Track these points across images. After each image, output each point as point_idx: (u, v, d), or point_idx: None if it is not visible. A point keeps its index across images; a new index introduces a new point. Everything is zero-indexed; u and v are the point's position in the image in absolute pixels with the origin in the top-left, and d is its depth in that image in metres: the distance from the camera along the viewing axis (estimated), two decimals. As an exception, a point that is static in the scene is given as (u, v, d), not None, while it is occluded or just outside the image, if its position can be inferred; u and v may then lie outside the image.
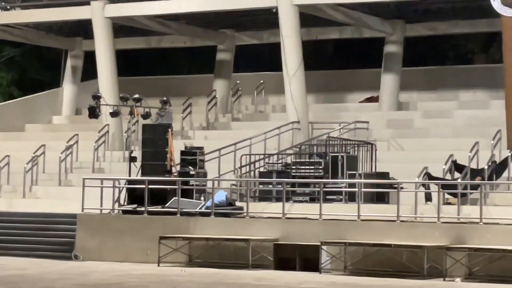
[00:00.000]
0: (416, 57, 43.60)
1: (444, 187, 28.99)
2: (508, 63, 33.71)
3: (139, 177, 32.57)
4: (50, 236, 31.76)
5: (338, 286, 23.64)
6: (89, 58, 45.32)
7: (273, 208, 29.83)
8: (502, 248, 25.02)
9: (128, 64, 48.81)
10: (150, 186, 30.49)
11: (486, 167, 29.75)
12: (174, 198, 30.60)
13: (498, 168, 30.37)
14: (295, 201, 30.55)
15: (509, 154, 30.95)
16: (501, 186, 29.90)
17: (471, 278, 25.12)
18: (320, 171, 31.94)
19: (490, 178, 29.63)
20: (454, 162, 30.12)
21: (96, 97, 35.70)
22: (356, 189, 29.40)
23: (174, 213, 30.15)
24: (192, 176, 32.47)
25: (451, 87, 41.59)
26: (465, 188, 28.98)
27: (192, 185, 32.12)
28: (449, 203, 28.75)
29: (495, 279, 24.33)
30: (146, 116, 35.92)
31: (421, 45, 45.36)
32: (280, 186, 30.83)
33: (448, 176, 29.88)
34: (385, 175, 31.22)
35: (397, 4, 39.16)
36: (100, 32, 40.42)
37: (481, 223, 26.45)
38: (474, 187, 28.99)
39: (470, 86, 41.21)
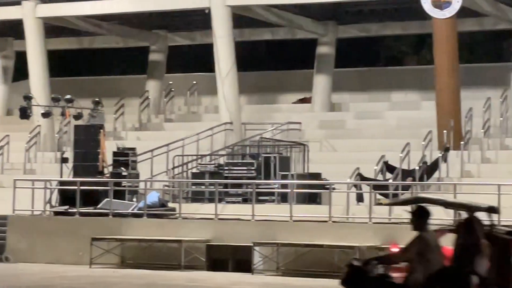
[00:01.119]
0: (348, 59, 43.83)
1: (376, 187, 29.14)
2: (439, 64, 34.02)
3: (70, 178, 32.28)
4: (-20, 238, 31.36)
5: (270, 286, 23.71)
6: (21, 58, 44.95)
7: (206, 209, 29.77)
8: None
9: (60, 64, 48.49)
10: (82, 187, 30.30)
11: (417, 167, 30.00)
12: (106, 199, 30.43)
13: (429, 169, 30.63)
14: (227, 202, 30.54)
15: (440, 155, 31.24)
16: (432, 187, 30.14)
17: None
18: (253, 172, 31.95)
19: (421, 179, 29.87)
20: (386, 163, 30.27)
21: (28, 98, 35.31)
22: (289, 190, 29.44)
23: (106, 214, 29.93)
24: (124, 177, 32.27)
25: (382, 88, 41.83)
26: (396, 188, 29.22)
27: (125, 186, 31.91)
28: (381, 204, 28.90)
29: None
30: (78, 116, 35.62)
31: (353, 46, 45.59)
32: (212, 187, 30.77)
33: (380, 177, 30.04)
34: (317, 175, 31.30)
35: (329, 5, 39.36)
36: (32, 32, 40.05)
37: (411, 224, 26.65)
38: (406, 188, 29.24)
39: (401, 87, 41.48)
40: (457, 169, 30.88)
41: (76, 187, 30.37)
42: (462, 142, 32.44)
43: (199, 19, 39.54)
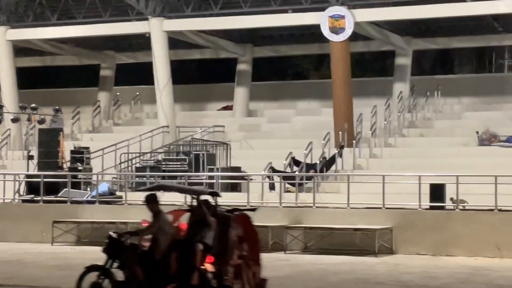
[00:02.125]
0: (263, 74, 44.00)
1: (285, 178, 29.37)
2: (335, 78, 34.45)
3: (35, 172, 32.09)
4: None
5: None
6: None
7: (147, 197, 29.84)
8: (330, 226, 25.53)
9: (27, 79, 47.93)
10: (45, 180, 30.18)
11: (318, 162, 30.27)
12: (65, 189, 30.29)
13: (327, 163, 30.92)
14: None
15: (336, 151, 31.59)
16: (330, 177, 30.47)
17: (307, 251, 25.46)
18: (185, 166, 32.11)
19: (321, 171, 30.18)
20: (293, 158, 30.51)
21: (0, 107, 35.56)
22: (214, 181, 29.70)
23: (65, 202, 29.74)
24: (80, 171, 32.18)
25: (290, 98, 42.05)
26: (301, 179, 29.47)
27: (80, 178, 31.80)
28: (289, 191, 29.12)
29: (325, 252, 24.74)
30: (41, 122, 35.80)
31: (266, 64, 45.77)
32: (152, 178, 30.90)
33: (288, 170, 30.26)
34: (237, 169, 31.46)
35: (247, 31, 39.53)
36: (3, 53, 39.70)
37: (314, 207, 26.91)
38: (309, 178, 29.51)
39: (305, 97, 41.73)
40: (350, 163, 31.21)
41: (40, 179, 30.17)
42: (354, 141, 32.81)
43: (142, 42, 39.38)
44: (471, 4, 32.86)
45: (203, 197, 13.35)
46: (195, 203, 13.14)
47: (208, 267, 11.99)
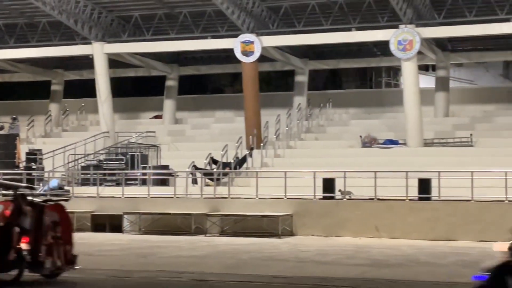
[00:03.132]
0: (187, 89, 43.82)
1: (205, 174, 29.37)
2: (246, 93, 34.63)
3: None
4: None
5: (134, 241, 23.57)
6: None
7: (91, 190, 29.48)
8: (242, 214, 25.65)
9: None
10: (3, 177, 29.60)
11: (232, 161, 30.35)
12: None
13: (240, 162, 31.01)
14: (105, 185, 30.30)
15: (247, 152, 31.70)
16: (242, 174, 30.55)
17: (223, 234, 25.51)
18: (123, 165, 31.93)
19: (235, 168, 30.27)
20: (212, 158, 30.48)
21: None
22: (147, 177, 29.51)
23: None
24: (34, 169, 31.74)
25: (209, 109, 42.03)
26: (218, 175, 29.54)
27: (34, 176, 31.31)
28: (208, 185, 29.13)
29: (238, 235, 24.81)
30: (1, 128, 35.30)
31: (190, 80, 45.63)
32: (95, 175, 30.57)
33: (208, 167, 30.25)
34: (166, 167, 31.32)
35: (174, 53, 39.53)
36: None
37: (229, 198, 26.97)
38: (225, 174, 29.56)
39: (222, 108, 41.75)
40: (258, 162, 31.27)
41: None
42: (261, 144, 32.93)
43: (86, 62, 38.94)
44: (355, 33, 33.36)
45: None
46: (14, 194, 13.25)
47: (24, 246, 12.19)
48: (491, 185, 24.47)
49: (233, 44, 34.23)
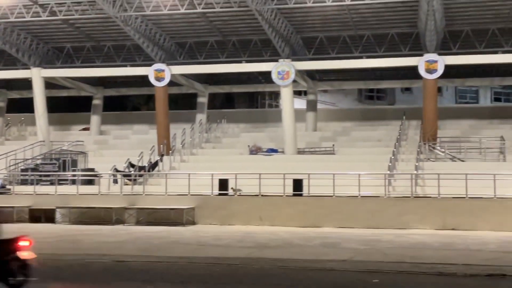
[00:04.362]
0: (110, 106, 43.09)
1: (124, 175, 28.98)
2: (158, 110, 34.51)
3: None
4: None
5: (65, 230, 23.04)
6: None
7: (29, 188, 28.64)
8: (154, 207, 25.54)
9: None
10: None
11: (146, 165, 30.10)
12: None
13: (153, 166, 30.76)
14: (41, 184, 29.48)
15: (158, 158, 31.47)
16: (154, 175, 30.23)
17: (138, 224, 25.26)
18: (56, 168, 31.19)
19: (149, 171, 30.00)
20: (130, 162, 30.09)
21: None
22: (76, 177, 28.97)
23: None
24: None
25: (128, 123, 41.51)
26: (135, 176, 29.20)
27: (-19, 176, 30.34)
28: (127, 184, 28.73)
29: (151, 224, 24.66)
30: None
31: (113, 99, 44.85)
32: (33, 176, 29.78)
33: (127, 170, 29.83)
34: (92, 169, 30.76)
35: (99, 78, 39.02)
36: None
37: (144, 194, 26.80)
38: (140, 176, 29.30)
39: (139, 122, 41.30)
40: (168, 166, 31.11)
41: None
42: (170, 151, 32.85)
43: (26, 83, 37.79)
44: (245, 65, 33.73)
45: None
46: None
47: None
48: (348, 184, 25.16)
49: (147, 71, 34.08)
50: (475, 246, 17.79)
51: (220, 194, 26.20)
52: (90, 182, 29.75)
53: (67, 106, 46.10)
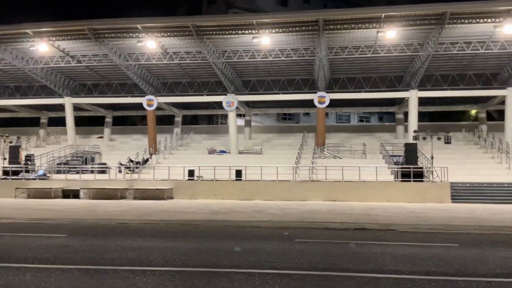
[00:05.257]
0: (117, 122, 41.85)
1: (126, 167, 28.27)
2: (149, 125, 33.65)
3: (8, 165, 28.85)
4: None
5: (86, 203, 22.22)
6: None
7: (62, 176, 27.59)
8: (146, 188, 24.90)
9: None
10: (13, 169, 27.25)
11: (141, 160, 29.46)
12: (22, 173, 27.42)
13: (146, 161, 30.11)
14: (70, 173, 28.40)
15: (149, 156, 30.81)
16: (146, 167, 29.52)
17: (135, 199, 24.51)
18: (80, 162, 30.11)
19: (143, 164, 29.31)
20: (130, 159, 29.48)
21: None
22: (94, 169, 28.06)
23: (21, 179, 26.89)
24: (29, 165, 29.27)
25: (129, 133, 40.53)
26: (133, 168, 28.46)
27: (29, 168, 28.86)
28: (128, 173, 28.01)
29: (144, 199, 24.05)
30: (10, 142, 32.13)
31: (118, 118, 43.46)
32: (64, 168, 28.67)
33: (128, 164, 29.05)
34: (105, 164, 29.84)
35: (110, 104, 37.97)
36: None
37: (139, 180, 26.12)
38: (137, 167, 28.56)
39: (136, 133, 40.26)
40: (155, 161, 30.49)
41: (10, 168, 27.22)
42: (157, 152, 32.26)
43: (60, 107, 36.20)
44: (206, 97, 33.48)
45: None
46: None
47: None
48: (270, 173, 25.34)
49: (142, 100, 33.40)
50: (347, 210, 18.00)
51: (189, 179, 25.92)
52: (103, 172, 28.94)
53: (88, 122, 44.69)
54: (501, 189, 23.17)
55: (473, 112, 42.71)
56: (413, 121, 29.39)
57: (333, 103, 33.78)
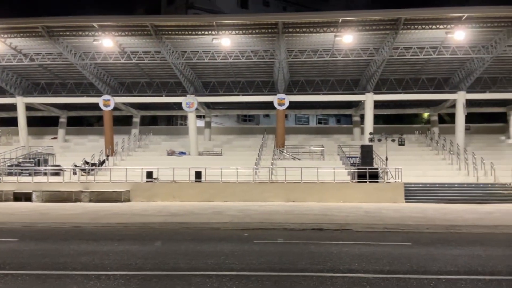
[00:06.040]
0: (71, 123, 40.61)
1: (81, 169, 27.40)
2: (105, 126, 32.87)
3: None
4: None
5: (39, 206, 21.40)
6: None
7: (14, 178, 26.38)
8: (102, 190, 24.23)
9: None
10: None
11: (97, 162, 28.64)
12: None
13: (102, 163, 29.28)
14: (22, 175, 27.14)
15: (106, 157, 30.04)
16: (102, 169, 28.75)
17: (91, 202, 23.85)
18: (33, 164, 28.84)
19: (99, 166, 28.49)
20: (85, 160, 28.60)
21: None
22: (47, 170, 26.92)
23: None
24: (-23, 167, 27.89)
25: (85, 134, 39.48)
26: (89, 170, 27.66)
27: (-23, 170, 27.52)
28: (83, 175, 27.11)
29: (100, 201, 23.42)
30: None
31: (73, 119, 42.29)
32: (16, 170, 27.43)
33: (83, 166, 28.25)
34: (58, 165, 28.72)
35: (64, 103, 36.68)
36: None
37: (94, 182, 25.39)
38: (93, 169, 27.77)
39: (92, 134, 39.35)
40: (112, 163, 29.72)
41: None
42: (114, 153, 31.48)
43: (12, 106, 34.78)
44: (165, 98, 32.95)
45: None
46: None
47: None
48: (230, 174, 25.28)
49: (98, 100, 32.51)
50: (305, 211, 18.19)
51: (147, 181, 25.45)
52: (57, 174, 27.89)
53: (42, 122, 43.06)
54: (452, 189, 24.09)
55: (425, 115, 44.35)
56: (369, 124, 30.15)
57: (293, 105, 34.14)
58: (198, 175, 25.30)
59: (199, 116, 42.69)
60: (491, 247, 10.19)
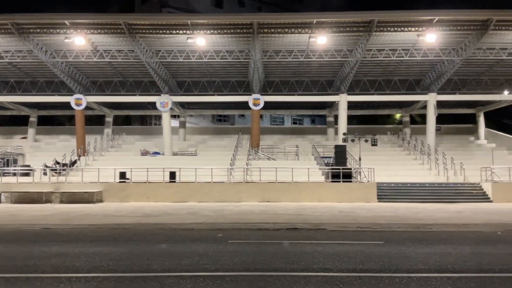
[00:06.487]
0: (42, 122, 39.63)
1: (52, 170, 26.72)
2: (77, 125, 32.23)
3: None
4: None
5: (8, 208, 20.80)
6: None
7: (-21, 179, 25.65)
8: (75, 191, 23.74)
9: None
10: None
11: (68, 162, 28.03)
12: None
13: (74, 163, 28.66)
14: (5, 176, 26.55)
15: (77, 158, 29.43)
16: (74, 169, 28.14)
17: (62, 203, 23.31)
18: (1, 164, 27.96)
19: (70, 166, 27.89)
20: (56, 161, 27.93)
21: None
22: (17, 171, 26.15)
23: None
24: None
25: (56, 133, 38.51)
26: (60, 170, 27.02)
27: None
28: (54, 175, 26.49)
29: (71, 202, 22.90)
30: None
31: (45, 118, 41.31)
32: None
33: (54, 166, 27.56)
34: (28, 165, 28.00)
35: (35, 102, 35.74)
36: None
37: (66, 182, 24.82)
38: (64, 169, 27.15)
39: (63, 133, 38.43)
40: (84, 163, 29.15)
41: None
42: (85, 153, 30.86)
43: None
44: (139, 97, 32.54)
45: None
46: None
47: None
48: (205, 174, 25.16)
49: (70, 99, 31.80)
50: (280, 211, 18.24)
51: (120, 182, 25.04)
52: (27, 174, 27.14)
53: (11, 121, 41.87)
54: (423, 188, 24.60)
55: (397, 116, 45.22)
56: (342, 124, 30.52)
57: (268, 106, 34.20)
58: (172, 175, 25.07)
59: (173, 116, 42.31)
60: (460, 245, 10.37)
